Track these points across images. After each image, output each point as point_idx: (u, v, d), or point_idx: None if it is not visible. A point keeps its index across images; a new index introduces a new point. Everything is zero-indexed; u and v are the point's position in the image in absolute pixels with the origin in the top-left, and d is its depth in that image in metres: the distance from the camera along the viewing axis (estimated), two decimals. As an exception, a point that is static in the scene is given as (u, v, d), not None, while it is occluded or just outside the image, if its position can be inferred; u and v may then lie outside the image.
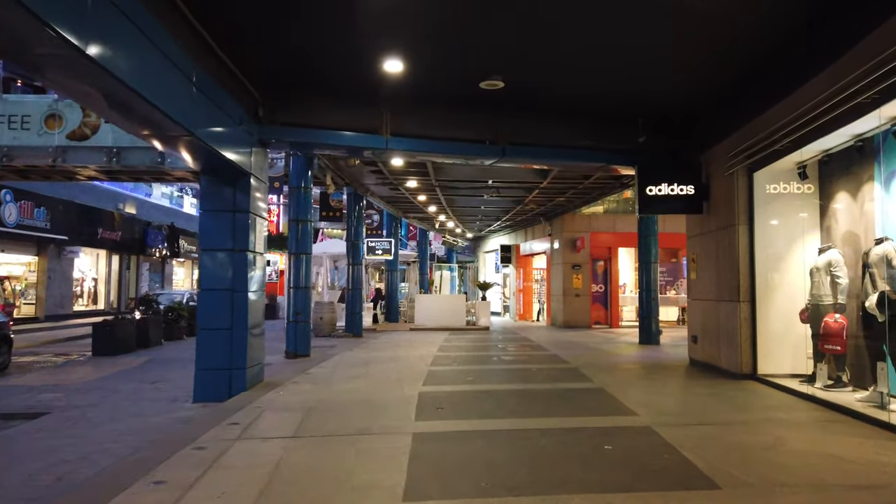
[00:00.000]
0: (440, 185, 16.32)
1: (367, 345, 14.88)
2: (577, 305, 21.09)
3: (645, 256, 15.45)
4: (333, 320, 17.77)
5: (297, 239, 12.51)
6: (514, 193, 17.82)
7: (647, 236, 15.42)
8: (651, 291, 15.30)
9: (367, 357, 12.30)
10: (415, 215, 23.24)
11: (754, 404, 7.19)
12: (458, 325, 20.36)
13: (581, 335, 17.81)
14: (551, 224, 22.55)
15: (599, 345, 14.90)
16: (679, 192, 10.15)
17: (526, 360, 11.91)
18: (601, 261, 21.70)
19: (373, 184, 16.27)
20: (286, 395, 7.90)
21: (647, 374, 9.99)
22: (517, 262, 27.38)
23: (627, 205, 21.88)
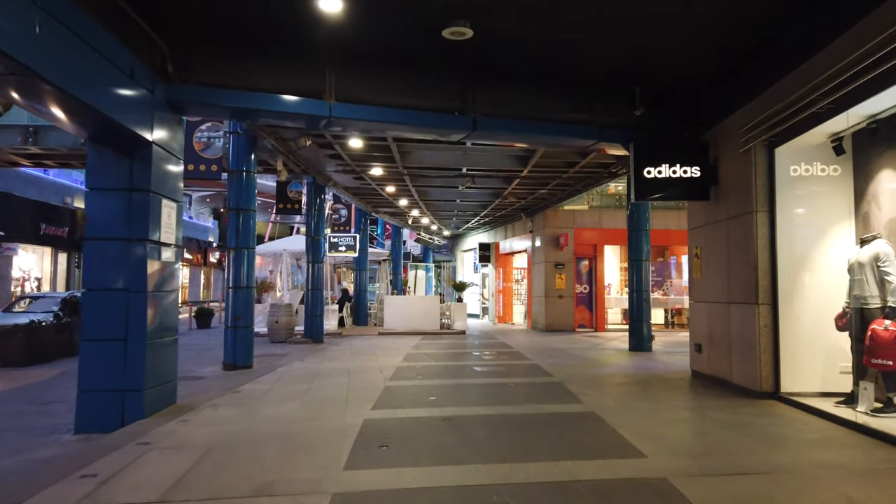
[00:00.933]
0: (409, 173, 14.63)
1: (324, 353, 13.13)
2: (560, 307, 19.53)
3: (635, 253, 13.91)
4: (291, 324, 15.98)
5: (237, 231, 10.73)
6: (491, 184, 16.19)
7: (637, 231, 13.89)
8: (642, 292, 13.77)
9: (318, 368, 10.56)
10: (386, 210, 21.53)
11: (791, 437, 5.60)
12: (432, 329, 18.69)
13: (565, 340, 16.24)
14: (532, 220, 20.98)
15: (585, 352, 13.32)
16: (682, 174, 8.58)
17: (503, 372, 10.27)
18: (586, 259, 20.18)
19: (333, 171, 14.53)
20: (191, 426, 6.15)
21: (645, 390, 8.40)
22: (496, 262, 25.79)
23: (613, 200, 20.39)
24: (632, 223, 13.99)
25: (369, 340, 16.25)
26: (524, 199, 18.58)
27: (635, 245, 13.92)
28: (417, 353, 13.17)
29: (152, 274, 6.62)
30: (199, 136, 11.10)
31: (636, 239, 13.91)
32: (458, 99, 8.19)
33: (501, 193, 17.50)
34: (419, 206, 20.25)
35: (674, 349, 13.99)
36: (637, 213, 13.91)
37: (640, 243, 13.89)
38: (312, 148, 12.20)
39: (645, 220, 13.90)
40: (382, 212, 21.41)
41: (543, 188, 16.30)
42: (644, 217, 13.90)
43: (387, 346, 14.74)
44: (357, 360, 11.88)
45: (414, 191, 17.09)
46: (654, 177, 8.58)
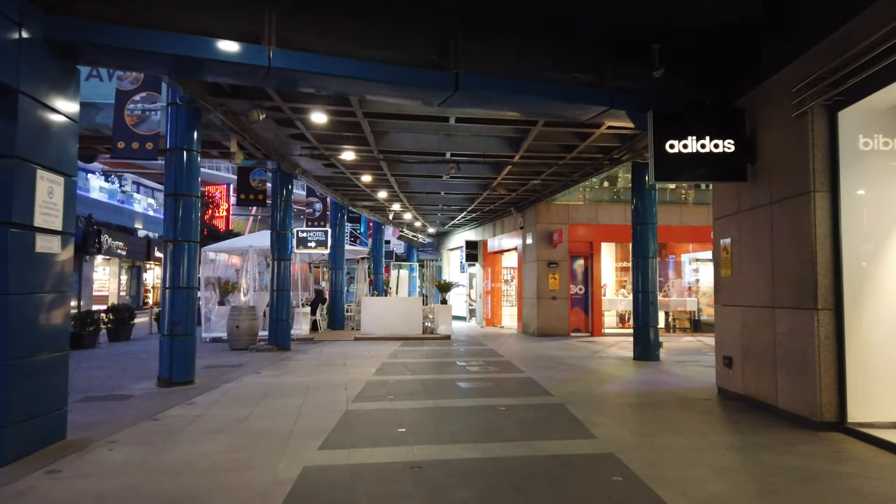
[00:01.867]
0: (386, 158, 12.95)
1: (286, 363, 11.41)
2: (553, 310, 17.94)
3: (641, 250, 12.33)
4: (254, 330, 14.23)
5: (175, 221, 8.99)
6: (479, 172, 14.55)
7: (643, 225, 12.31)
8: (649, 293, 12.19)
9: (272, 385, 8.85)
10: (365, 204, 19.82)
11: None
12: (413, 334, 17.01)
13: (560, 347, 14.64)
14: (523, 215, 19.38)
15: (585, 362, 11.71)
16: (713, 149, 6.98)
17: (492, 390, 8.62)
18: (581, 258, 18.62)
19: (300, 156, 12.80)
20: (59, 481, 4.43)
21: (669, 416, 6.79)
22: (484, 261, 24.17)
23: (610, 193, 18.84)
24: (637, 216, 12.41)
25: (342, 347, 14.54)
26: (515, 192, 16.96)
27: (641, 241, 12.34)
28: (394, 363, 11.48)
29: (19, 268, 4.89)
30: (133, 108, 9.34)
31: (642, 234, 12.33)
32: (436, 52, 6.52)
33: (490, 184, 15.87)
34: (400, 200, 18.57)
35: (683, 358, 12.43)
36: (643, 205, 12.33)
37: (647, 239, 12.31)
38: (270, 125, 10.49)
39: (652, 212, 12.33)
40: (361, 206, 19.71)
41: (536, 178, 14.69)
42: (651, 209, 12.32)
43: (361, 353, 13.04)
44: (322, 372, 10.18)
45: (393, 181, 15.41)
46: (678, 152, 6.96)
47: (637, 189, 12.39)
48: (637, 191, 12.40)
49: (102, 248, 28.73)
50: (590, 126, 9.96)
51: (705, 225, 18.69)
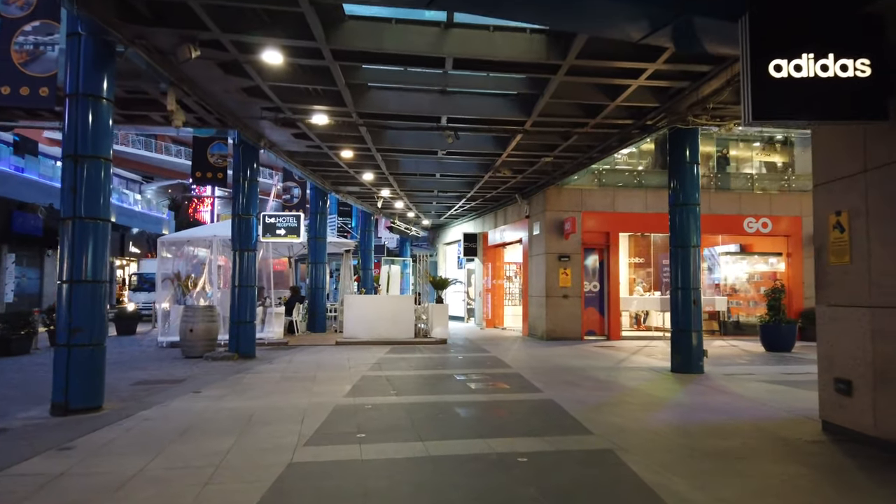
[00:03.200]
0: (369, 125, 10.63)
1: (242, 377, 9.09)
2: (564, 310, 15.65)
3: (681, 237, 10.04)
4: (212, 333, 11.89)
5: (77, 191, 6.65)
6: (481, 146, 12.25)
7: (685, 207, 10.03)
8: (690, 291, 9.91)
9: (204, 413, 6.52)
10: (350, 189, 17.48)
11: None
12: (404, 338, 14.70)
13: (576, 354, 12.35)
14: (530, 202, 17.07)
15: (613, 374, 9.42)
16: (838, 72, 4.68)
17: (504, 424, 6.32)
18: (595, 250, 16.33)
19: (261, 119, 10.40)
20: None
21: (781, 478, 4.50)
22: (484, 255, 21.86)
23: (630, 177, 16.53)
24: (676, 196, 10.12)
25: (319, 354, 12.21)
26: (521, 174, 14.65)
27: (681, 227, 10.05)
28: (376, 376, 9.17)
29: None
30: (22, 41, 6.99)
31: (683, 218, 10.03)
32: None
33: (493, 164, 13.55)
34: (390, 184, 16.23)
35: (730, 369, 10.17)
36: (683, 184, 10.04)
37: (688, 224, 10.02)
38: (215, 74, 8.15)
39: (694, 192, 10.04)
40: (346, 192, 17.38)
41: (549, 153, 12.37)
42: (693, 189, 10.03)
43: (338, 363, 10.73)
44: (281, 391, 7.86)
45: (380, 158, 13.08)
46: (786, 77, 4.66)
47: (677, 164, 10.10)
48: (677, 166, 10.11)
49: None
50: (636, 59, 7.62)
51: (733, 214, 16.47)
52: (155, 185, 45.38)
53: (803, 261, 16.43)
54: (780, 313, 13.28)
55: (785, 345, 13.19)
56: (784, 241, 16.68)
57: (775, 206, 16.50)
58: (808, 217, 16.47)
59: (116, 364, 10.67)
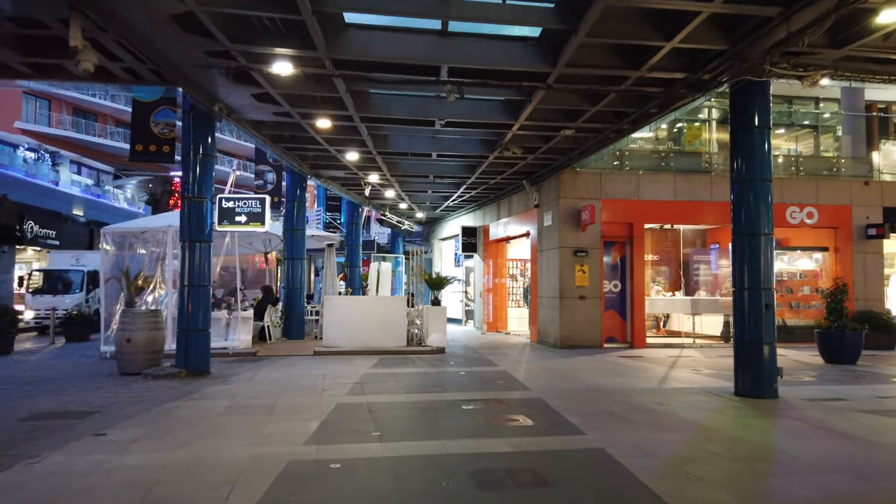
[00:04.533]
0: (348, 81, 8.38)
1: (174, 408, 6.83)
2: (581, 313, 13.46)
3: (749, 223, 7.82)
4: (156, 344, 9.61)
5: None
6: (487, 116, 10.03)
7: (752, 183, 7.82)
8: (760, 291, 7.70)
9: (79, 485, 4.27)
10: (333, 174, 15.18)
11: None
12: (394, 346, 12.45)
13: (602, 368, 10.15)
14: (539, 189, 14.87)
15: (667, 402, 7.19)
16: None
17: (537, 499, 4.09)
18: (616, 244, 14.14)
19: (210, 70, 8.10)
20: None
21: None
22: (485, 251, 19.63)
23: (656, 160, 14.33)
24: (740, 170, 7.91)
25: (289, 369, 9.96)
26: (533, 153, 12.42)
27: (749, 208, 7.83)
28: (354, 407, 6.92)
29: None
30: None
31: (750, 197, 7.82)
32: None
33: (501, 138, 11.33)
34: (377, 166, 13.96)
35: (806, 390, 7.99)
36: (750, 153, 7.84)
37: (757, 205, 7.81)
38: None
39: (765, 161, 7.82)
40: (328, 177, 15.10)
41: (570, 123, 10.15)
42: (764, 157, 7.82)
43: (310, 384, 8.47)
44: (216, 435, 5.61)
45: (365, 132, 10.82)
46: None
47: (743, 129, 7.90)
48: (742, 132, 7.91)
49: (26, 236, 23.91)
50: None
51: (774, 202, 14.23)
52: (135, 179, 42.87)
53: (853, 256, 14.31)
54: (843, 318, 11.12)
55: (849, 356, 11.04)
56: (830, 233, 14.55)
57: (822, 193, 14.36)
58: (859, 206, 14.36)
59: (30, 384, 8.43)
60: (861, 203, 14.37)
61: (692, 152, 14.55)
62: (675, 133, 14.94)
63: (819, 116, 15.54)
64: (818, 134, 15.71)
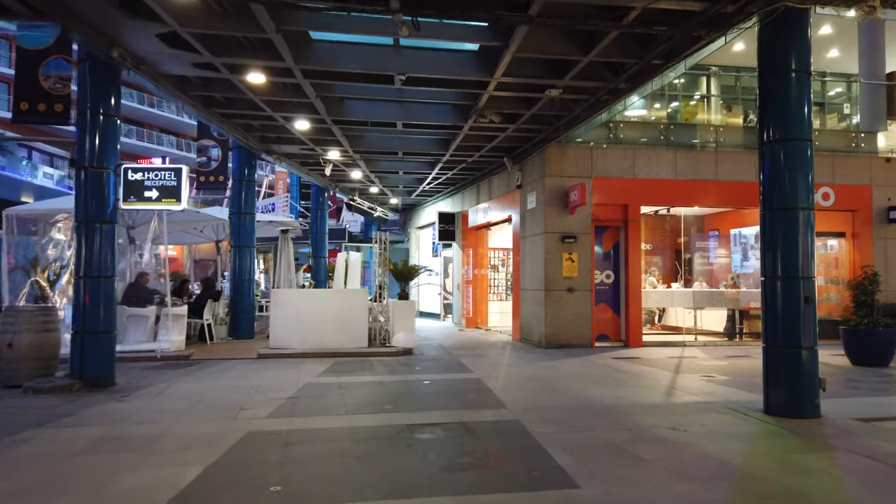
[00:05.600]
0: (278, 21, 6.56)
1: (33, 438, 5.05)
2: (569, 308, 11.78)
3: (784, 194, 6.13)
4: (47, 349, 7.75)
5: None
6: (458, 72, 8.26)
7: (786, 143, 6.12)
8: (798, 280, 6.02)
9: None
10: (286, 149, 13.30)
11: None
12: (354, 347, 10.70)
13: (596, 374, 8.47)
14: (522, 168, 13.14)
15: (684, 426, 5.48)
16: None
17: None
18: (610, 229, 12.46)
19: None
20: None
21: None
22: (464, 239, 17.90)
23: (656, 131, 12.62)
24: (770, 126, 6.22)
25: (213, 380, 8.16)
26: (514, 122, 10.68)
27: (782, 175, 6.15)
28: (267, 438, 5.15)
29: None
30: None
31: (785, 162, 6.13)
32: None
33: (475, 104, 9.57)
34: (335, 139, 12.12)
35: (851, 406, 6.35)
36: (784, 105, 6.14)
37: (793, 172, 6.12)
38: None
39: (803, 113, 6.12)
40: (281, 153, 13.23)
41: (556, 80, 8.41)
42: (801, 111, 6.13)
43: (230, 400, 6.69)
44: (41, 494, 3.82)
45: (311, 91, 9.00)
46: None
47: (774, 73, 6.20)
48: (773, 78, 6.21)
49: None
50: None
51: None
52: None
53: (873, 242, 12.76)
54: (873, 313, 9.53)
55: (881, 357, 9.47)
56: (848, 217, 12.97)
57: (839, 171, 12.76)
58: (880, 187, 12.79)
59: None
60: (882, 183, 12.80)
61: (695, 125, 12.88)
62: (674, 100, 13.25)
63: (827, 87, 13.95)
64: (823, 111, 14.10)
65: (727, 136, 12.61)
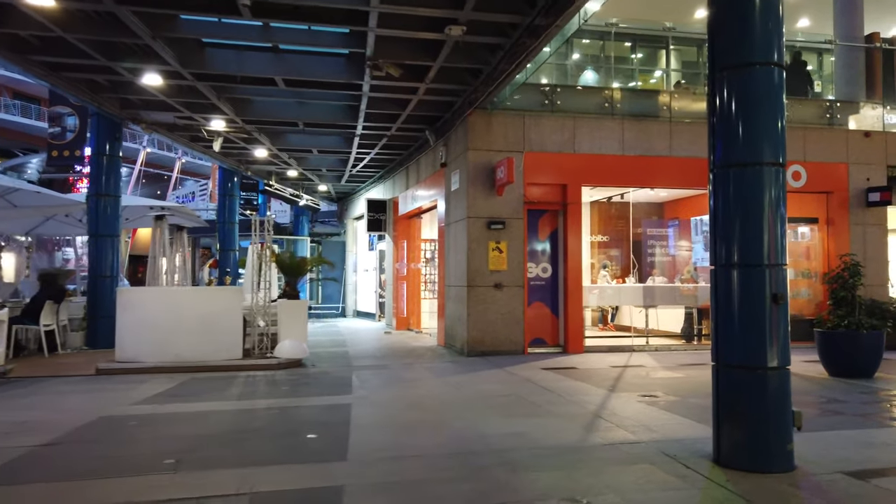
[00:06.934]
0: None
1: None
2: (497, 308, 9.81)
3: (734, 146, 4.19)
4: None
5: None
6: None
7: (747, 66, 4.17)
8: (761, 270, 4.09)
9: None
10: (159, 117, 10.98)
11: None
12: (223, 359, 8.55)
13: (505, 393, 6.47)
14: (447, 143, 11.13)
15: (587, 486, 3.49)
16: None
17: None
18: (547, 213, 10.52)
19: None
20: None
21: None
22: (396, 230, 15.84)
23: (600, 97, 10.68)
24: (727, 47, 4.26)
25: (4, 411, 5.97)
26: (422, 78, 8.62)
27: (733, 118, 4.20)
28: None
29: None
30: None
31: (743, 96, 4.19)
32: None
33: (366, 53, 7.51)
34: (210, 103, 9.90)
35: (835, 447, 4.40)
36: (742, 8, 4.20)
37: (753, 111, 4.18)
38: None
39: (769, 28, 4.19)
40: (152, 122, 10.93)
41: (457, 11, 6.38)
42: (767, 20, 4.19)
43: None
44: None
45: (136, 22, 6.82)
46: None
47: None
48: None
49: None
50: None
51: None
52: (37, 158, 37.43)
53: (850, 229, 11.05)
54: (855, 312, 7.73)
55: (865, 366, 7.69)
56: (821, 200, 11.25)
57: (811, 147, 11.01)
58: (858, 165, 11.08)
59: None
60: (860, 160, 11.09)
61: (646, 90, 11.02)
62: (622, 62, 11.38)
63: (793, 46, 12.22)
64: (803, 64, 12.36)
65: (684, 103, 10.76)
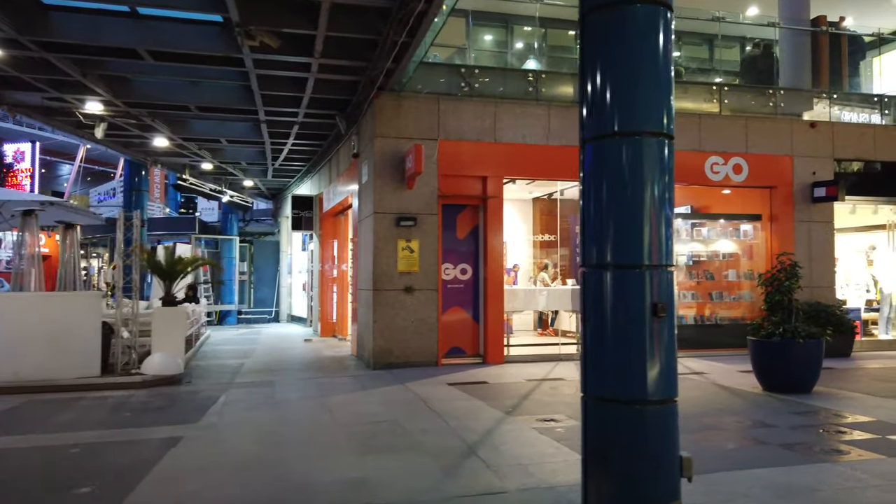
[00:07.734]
0: None
1: None
2: (407, 314, 8.73)
3: (614, 107, 3.15)
4: None
5: None
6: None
7: (620, 4, 3.15)
8: (640, 273, 3.06)
9: None
10: (20, 97, 9.60)
11: None
12: (74, 377, 7.29)
13: (384, 421, 5.38)
14: (358, 131, 10.01)
15: None
16: None
17: None
18: (466, 208, 9.47)
19: None
20: None
21: None
22: (321, 228, 14.67)
23: (524, 82, 9.68)
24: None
25: None
26: (311, 52, 7.49)
27: (613, 77, 3.17)
28: None
29: None
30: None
31: (619, 43, 3.16)
32: None
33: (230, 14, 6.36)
34: (77, 80, 8.61)
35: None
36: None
37: (635, 66, 3.15)
38: None
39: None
40: (12, 101, 9.52)
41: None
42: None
43: None
44: None
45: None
46: None
47: None
48: None
49: None
50: None
51: (688, 150, 9.87)
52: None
53: (794, 226, 10.27)
54: (791, 319, 6.84)
55: (802, 379, 6.82)
56: (764, 195, 10.45)
57: (754, 138, 10.20)
58: (803, 158, 10.31)
59: None
60: (806, 153, 10.31)
61: (574, 74, 10.05)
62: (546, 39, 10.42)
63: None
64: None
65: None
